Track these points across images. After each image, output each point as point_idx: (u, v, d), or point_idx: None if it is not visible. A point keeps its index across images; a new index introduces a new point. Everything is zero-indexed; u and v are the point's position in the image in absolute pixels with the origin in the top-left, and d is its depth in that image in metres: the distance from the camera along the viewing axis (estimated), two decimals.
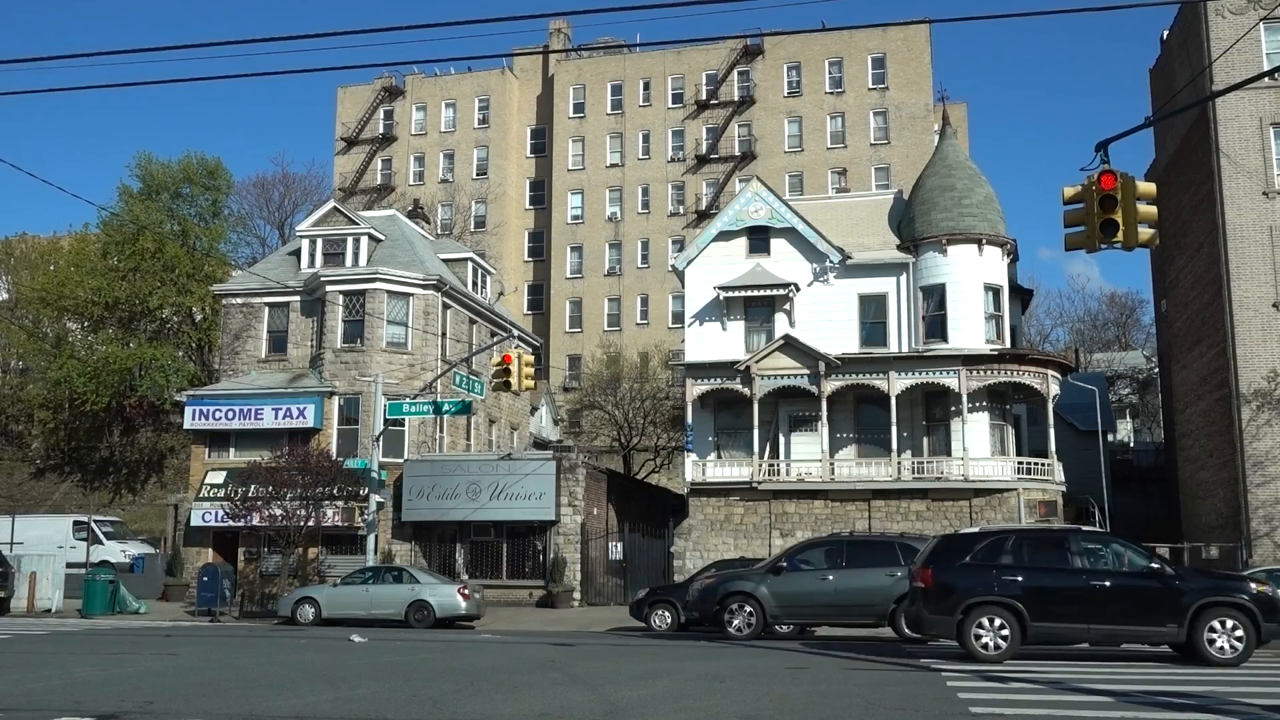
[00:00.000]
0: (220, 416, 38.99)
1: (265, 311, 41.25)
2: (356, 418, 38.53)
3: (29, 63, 37.03)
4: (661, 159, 71.72)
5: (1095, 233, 13.64)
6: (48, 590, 34.20)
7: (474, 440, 43.60)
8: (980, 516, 34.92)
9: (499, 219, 73.20)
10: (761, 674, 14.62)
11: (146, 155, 58.29)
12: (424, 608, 28.56)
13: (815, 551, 22.98)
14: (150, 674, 14.87)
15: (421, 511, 36.84)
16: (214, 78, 23.51)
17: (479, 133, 75.64)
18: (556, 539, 36.02)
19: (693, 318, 39.21)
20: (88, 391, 52.60)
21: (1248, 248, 32.89)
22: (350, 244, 41.15)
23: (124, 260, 54.72)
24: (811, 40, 67.80)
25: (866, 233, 39.31)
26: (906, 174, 59.54)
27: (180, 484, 47.20)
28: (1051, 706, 11.48)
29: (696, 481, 37.26)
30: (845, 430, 37.53)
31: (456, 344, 41.99)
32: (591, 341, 68.79)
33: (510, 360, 29.84)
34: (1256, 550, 31.32)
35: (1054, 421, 37.52)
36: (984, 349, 35.99)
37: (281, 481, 33.41)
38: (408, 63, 41.88)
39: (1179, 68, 37.37)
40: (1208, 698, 12.19)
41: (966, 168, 38.66)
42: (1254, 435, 32.21)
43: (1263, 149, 33.19)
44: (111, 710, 11.07)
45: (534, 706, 11.44)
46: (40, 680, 13.98)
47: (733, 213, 39.47)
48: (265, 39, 13.28)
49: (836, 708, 11.42)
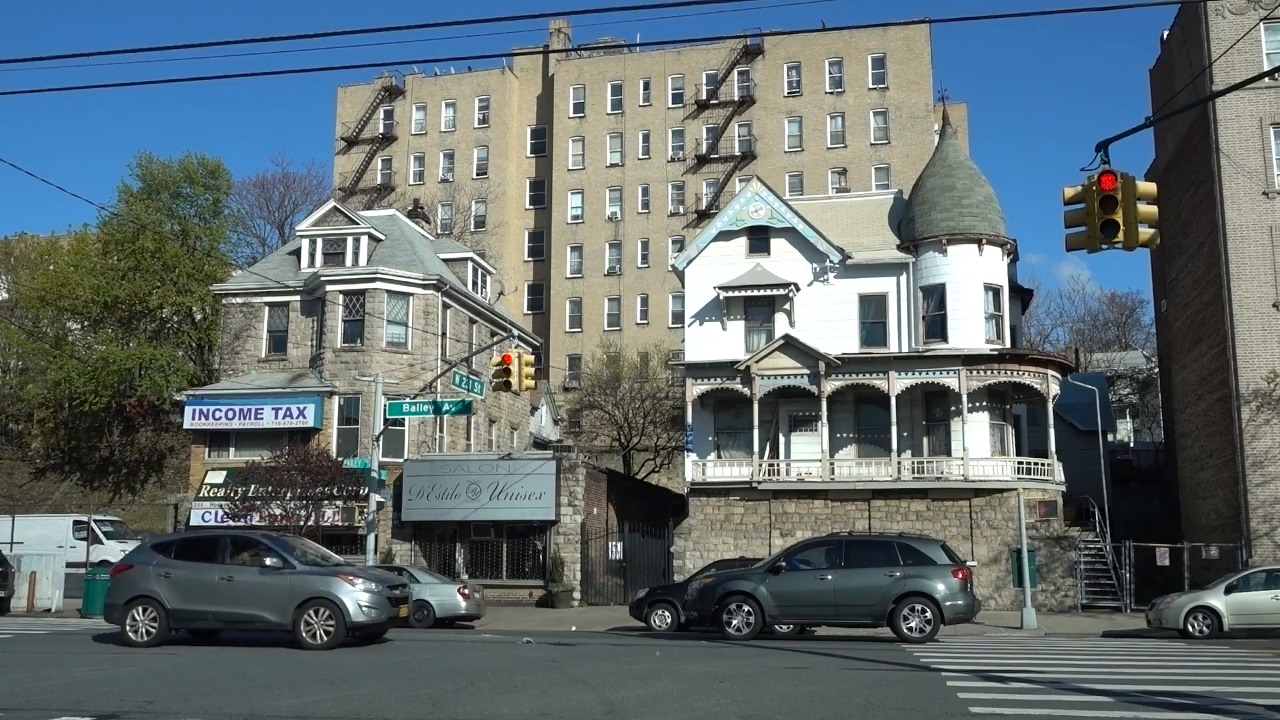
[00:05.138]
0: (220, 416, 39.00)
1: (265, 311, 41.26)
2: (356, 417, 38.53)
3: (29, 62, 36.99)
4: (661, 159, 71.73)
5: (1096, 233, 13.63)
6: (48, 590, 34.16)
7: (474, 440, 43.60)
8: (980, 516, 34.97)
9: (499, 219, 73.21)
10: (761, 674, 14.61)
11: (147, 155, 58.45)
12: (424, 607, 28.53)
13: (814, 551, 22.99)
14: (150, 674, 14.85)
15: (421, 511, 36.85)
16: (214, 77, 23.52)
17: (479, 132, 75.65)
18: (556, 539, 36.02)
19: (693, 318, 39.22)
20: (87, 391, 52.58)
21: (1248, 248, 32.89)
22: (350, 244, 41.16)
23: (124, 260, 54.74)
24: (811, 40, 67.83)
25: (866, 233, 39.32)
26: (906, 174, 59.57)
27: (180, 484, 47.20)
28: (1051, 706, 11.47)
29: (696, 481, 37.27)
30: (845, 430, 37.54)
31: (456, 344, 41.99)
32: (591, 341, 68.81)
33: (510, 360, 29.82)
34: (1256, 550, 31.32)
35: (1054, 421, 37.54)
36: (984, 349, 36.00)
37: (281, 481, 33.41)
38: (408, 62, 41.81)
39: (1179, 68, 37.36)
40: (1208, 698, 12.18)
41: (966, 168, 38.67)
42: (1254, 435, 32.21)
43: (1263, 149, 33.18)
44: (111, 710, 11.06)
45: (534, 706, 11.44)
46: (40, 680, 13.97)
47: (733, 213, 39.47)
48: (265, 39, 13.27)
49: (836, 708, 11.42)
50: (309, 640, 17.98)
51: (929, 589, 21.58)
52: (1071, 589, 33.88)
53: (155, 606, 18.69)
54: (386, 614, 18.93)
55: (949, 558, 22.90)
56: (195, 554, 19.34)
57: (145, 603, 18.73)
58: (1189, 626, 24.82)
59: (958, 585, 21.98)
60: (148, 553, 19.72)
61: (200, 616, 18.93)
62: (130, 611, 18.78)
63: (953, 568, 22.36)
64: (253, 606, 18.47)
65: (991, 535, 34.84)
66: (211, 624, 19.26)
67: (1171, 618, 25.27)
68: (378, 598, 18.61)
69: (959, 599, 21.87)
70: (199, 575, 18.80)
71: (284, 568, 18.63)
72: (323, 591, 18.22)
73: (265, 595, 18.40)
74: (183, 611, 18.77)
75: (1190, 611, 25.02)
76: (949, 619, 21.82)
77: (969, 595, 22.41)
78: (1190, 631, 24.73)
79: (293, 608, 18.19)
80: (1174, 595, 26.79)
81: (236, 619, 18.77)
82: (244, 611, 18.57)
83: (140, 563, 19.37)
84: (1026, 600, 29.25)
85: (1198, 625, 24.80)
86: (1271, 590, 24.90)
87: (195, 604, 18.68)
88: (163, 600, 18.68)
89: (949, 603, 21.64)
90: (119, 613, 18.97)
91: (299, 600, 18.21)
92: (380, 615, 18.73)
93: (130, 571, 19.35)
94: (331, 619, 18.05)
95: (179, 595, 18.71)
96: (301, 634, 18.06)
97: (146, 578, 18.93)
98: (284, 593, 18.31)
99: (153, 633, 18.65)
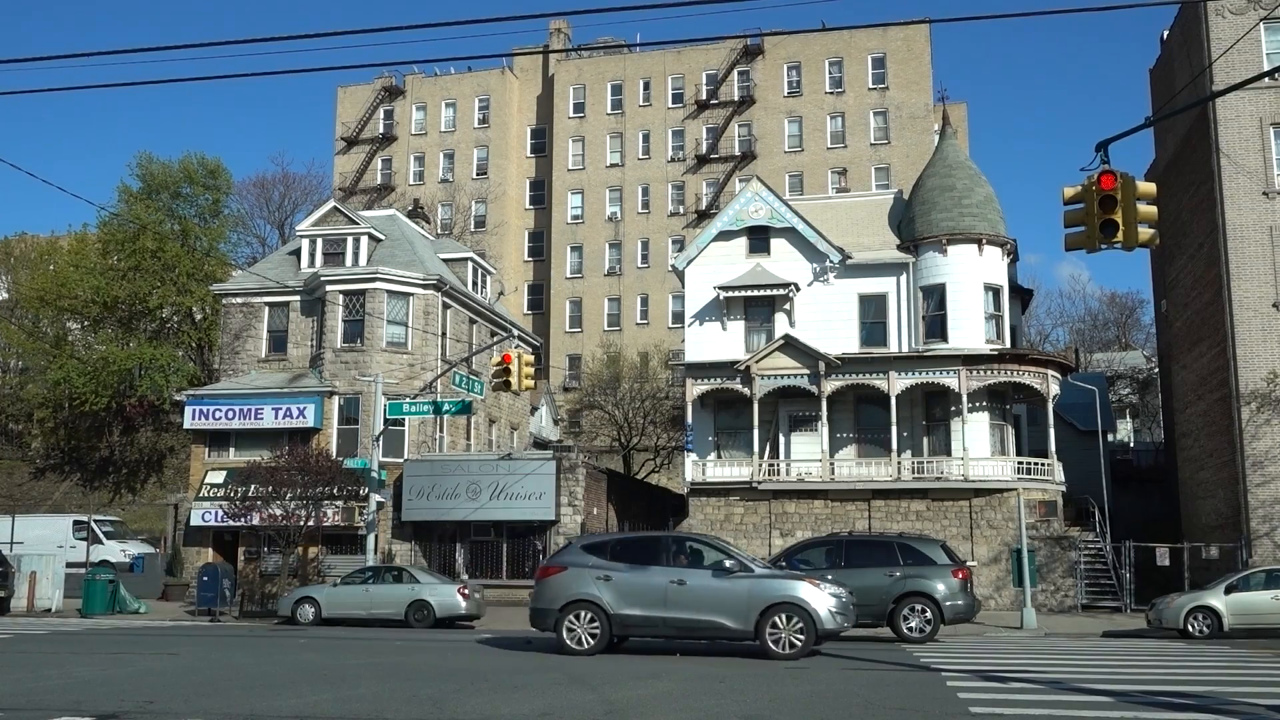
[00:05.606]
0: (220, 416, 38.99)
1: (265, 311, 41.25)
2: (356, 417, 38.53)
3: (29, 62, 36.99)
4: (661, 159, 71.73)
5: (1095, 233, 13.63)
6: (48, 590, 34.20)
7: (474, 440, 43.60)
8: (980, 516, 34.96)
9: (499, 219, 73.21)
10: (761, 674, 14.61)
11: (147, 155, 58.47)
12: (424, 607, 28.57)
13: (814, 551, 23.03)
14: (150, 673, 14.86)
15: (421, 511, 36.84)
16: (214, 77, 23.53)
17: (479, 132, 75.65)
18: (556, 539, 35.99)
19: (693, 318, 39.22)
20: (87, 391, 52.59)
21: (1248, 248, 32.89)
22: (350, 244, 41.15)
23: (124, 260, 54.75)
24: (811, 40, 67.83)
25: (866, 233, 39.32)
26: (906, 174, 59.56)
27: (180, 484, 47.20)
28: (1051, 706, 11.48)
29: (696, 481, 37.27)
30: (845, 430, 37.54)
31: (456, 344, 41.99)
32: (591, 341, 68.81)
33: (510, 360, 29.83)
34: (1256, 550, 31.32)
35: (1054, 421, 37.54)
36: (984, 349, 36.00)
37: (281, 481, 33.40)
38: (408, 62, 41.75)
39: (1179, 68, 37.36)
40: (1208, 698, 12.18)
41: (966, 168, 38.67)
42: (1254, 435, 32.20)
43: (1263, 149, 33.18)
44: (111, 710, 11.07)
45: (534, 706, 11.44)
46: (40, 680, 13.98)
47: (733, 213, 39.47)
48: (265, 39, 13.27)
49: (836, 708, 11.42)
50: (775, 649, 16.67)
51: (929, 589, 21.60)
52: (1071, 589, 33.88)
53: (596, 612, 17.36)
54: (849, 621, 17.67)
55: (949, 558, 22.93)
56: (636, 555, 18.00)
57: (584, 607, 17.39)
58: (1189, 626, 24.81)
59: (958, 585, 22.01)
60: (579, 553, 18.26)
61: (648, 624, 17.43)
62: (567, 617, 17.41)
63: (953, 568, 22.39)
64: (710, 613, 17.03)
65: (991, 535, 34.84)
66: (661, 632, 17.63)
67: (1171, 618, 25.26)
68: (844, 603, 17.40)
69: (959, 599, 21.90)
70: (644, 578, 17.39)
71: (741, 571, 17.34)
72: (790, 596, 16.88)
73: (723, 600, 17.00)
74: (628, 618, 17.35)
75: (1190, 611, 25.01)
76: (949, 619, 21.85)
77: (969, 595, 22.44)
78: (1190, 631, 24.72)
79: (755, 614, 16.84)
80: (1174, 595, 26.78)
81: (691, 626, 17.27)
82: (700, 618, 17.10)
83: (574, 564, 17.96)
84: (1026, 600, 29.25)
85: (1198, 625, 24.79)
86: (1271, 590, 24.89)
87: (642, 609, 17.28)
88: (604, 605, 17.32)
89: (949, 603, 21.67)
90: (552, 618, 17.57)
91: (762, 606, 16.85)
92: (846, 623, 17.46)
93: (563, 574, 17.89)
94: (801, 627, 16.66)
95: (622, 600, 17.31)
96: (767, 642, 16.75)
97: (583, 580, 17.54)
98: (744, 598, 16.97)
99: (594, 640, 17.24)
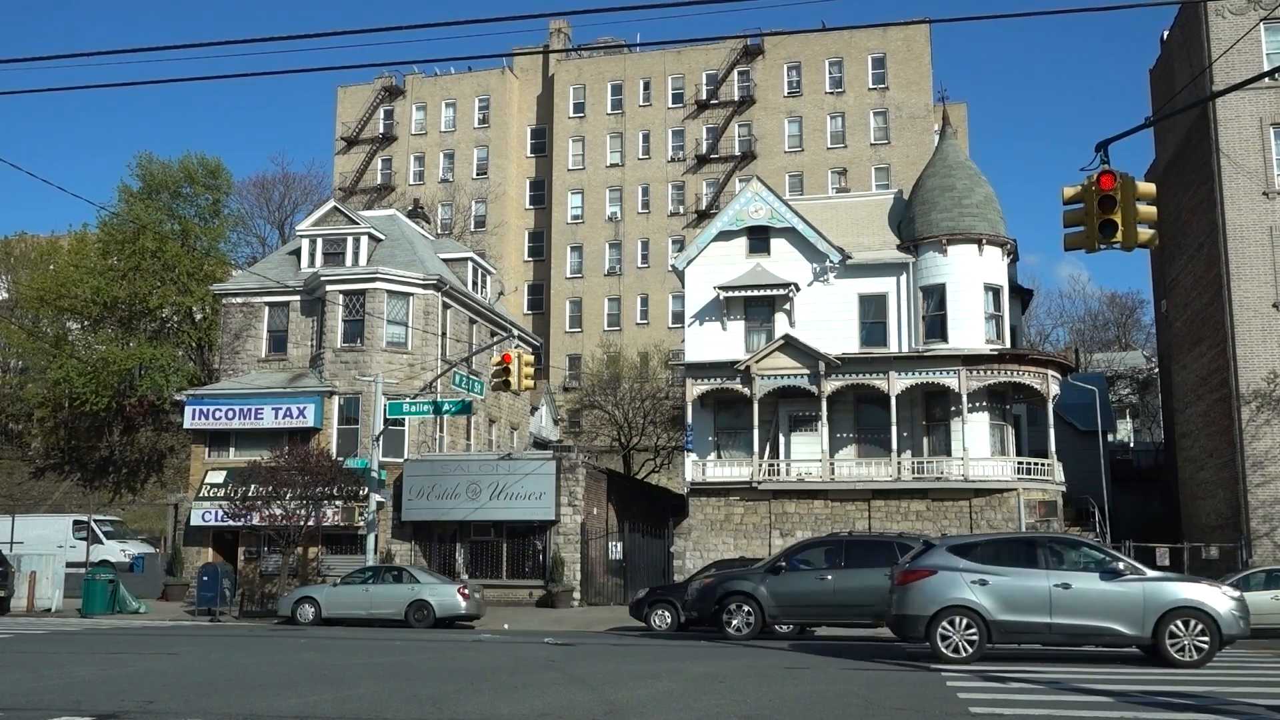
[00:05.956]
0: (220, 416, 39.00)
1: (265, 311, 41.26)
2: (356, 417, 38.53)
3: (29, 62, 37.01)
4: (661, 159, 71.74)
5: (1095, 233, 13.64)
6: (47, 590, 34.20)
7: (474, 440, 43.60)
8: (980, 517, 34.95)
9: (499, 219, 73.22)
10: (761, 674, 14.61)
11: (147, 155, 58.43)
12: (424, 607, 28.58)
13: (814, 551, 22.98)
14: (150, 673, 14.86)
15: (421, 511, 36.84)
16: (214, 77, 23.56)
17: (479, 132, 75.66)
18: (556, 539, 36.02)
19: (693, 318, 39.22)
20: (87, 391, 52.59)
21: (1248, 248, 32.90)
22: (350, 244, 41.16)
23: (124, 260, 54.74)
24: (811, 40, 67.83)
25: (866, 233, 39.32)
26: (906, 174, 59.55)
27: (180, 483, 47.20)
28: (1051, 706, 11.48)
29: (696, 481, 37.28)
30: (845, 430, 37.54)
31: (456, 344, 41.99)
32: (591, 341, 68.81)
33: (510, 360, 29.85)
34: (1256, 550, 31.33)
35: (1054, 421, 37.54)
36: (984, 349, 36.00)
37: (281, 481, 33.41)
38: (408, 62, 41.85)
39: (1179, 68, 37.36)
40: (1208, 698, 12.18)
41: (966, 168, 38.68)
42: (1254, 435, 32.21)
43: (1263, 149, 33.19)
44: (111, 710, 11.06)
45: (534, 706, 11.44)
46: (40, 680, 13.98)
47: (733, 213, 39.48)
48: (265, 39, 13.28)
49: (836, 708, 11.42)
50: (1176, 656, 15.86)
51: None
52: None
53: (973, 618, 16.55)
54: (1249, 625, 16.58)
55: None
56: (1009, 558, 17.21)
57: (960, 613, 16.60)
58: None
59: None
60: (947, 556, 17.40)
61: (1031, 630, 16.66)
62: (941, 624, 16.63)
63: None
64: (1100, 618, 16.25)
65: None
66: (1045, 639, 16.90)
67: None
68: (1244, 605, 16.54)
69: None
70: (1024, 582, 16.64)
71: (1132, 573, 16.61)
72: (1191, 600, 16.12)
73: (1115, 605, 16.22)
74: (1008, 624, 16.56)
75: None
76: None
77: None
78: None
79: (1152, 620, 16.04)
80: None
81: (1080, 632, 16.51)
82: (1090, 624, 16.32)
83: (944, 567, 17.11)
84: None
85: None
86: (1271, 590, 24.90)
87: (1023, 615, 16.49)
88: (981, 611, 16.51)
89: None
90: (923, 625, 16.83)
91: (1160, 611, 16.05)
92: (1247, 626, 16.45)
93: (932, 578, 17.03)
94: (1203, 630, 15.85)
95: (1001, 605, 16.52)
96: (1167, 649, 15.96)
97: (956, 585, 16.76)
98: (1138, 602, 16.17)
99: (971, 648, 16.41)
